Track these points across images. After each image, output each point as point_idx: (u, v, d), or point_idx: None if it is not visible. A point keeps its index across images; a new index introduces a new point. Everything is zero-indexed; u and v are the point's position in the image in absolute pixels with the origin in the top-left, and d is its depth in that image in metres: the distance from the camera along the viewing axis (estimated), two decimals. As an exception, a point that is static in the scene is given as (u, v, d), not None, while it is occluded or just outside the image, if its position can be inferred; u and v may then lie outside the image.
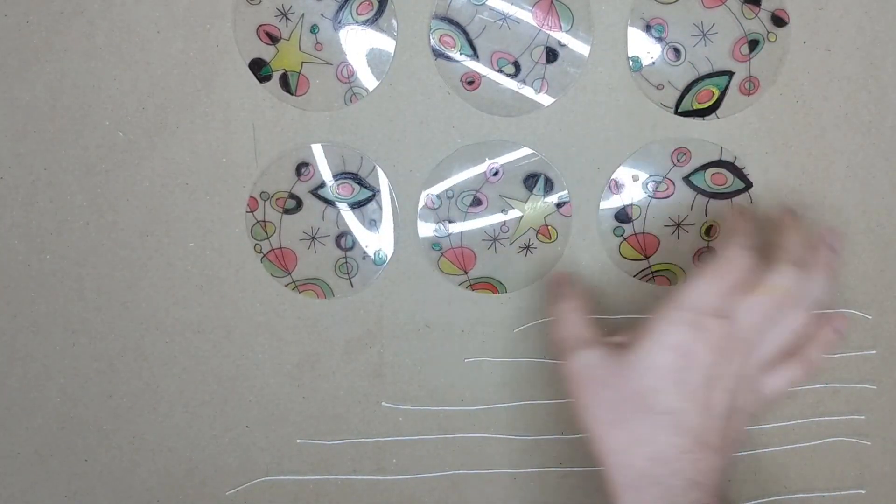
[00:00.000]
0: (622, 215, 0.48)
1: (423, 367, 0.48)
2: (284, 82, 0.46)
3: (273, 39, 0.46)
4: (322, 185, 0.47)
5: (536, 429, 0.49)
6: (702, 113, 0.47)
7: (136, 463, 0.49)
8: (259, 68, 0.46)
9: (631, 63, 0.46)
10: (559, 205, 0.47)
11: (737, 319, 0.39)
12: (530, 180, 0.47)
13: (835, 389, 0.49)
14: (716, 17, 0.46)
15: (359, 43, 0.46)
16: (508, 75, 0.46)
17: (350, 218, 0.47)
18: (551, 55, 0.46)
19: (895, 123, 0.47)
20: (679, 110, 0.47)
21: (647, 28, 0.46)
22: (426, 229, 0.47)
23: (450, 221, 0.47)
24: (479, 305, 0.48)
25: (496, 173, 0.47)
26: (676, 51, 0.46)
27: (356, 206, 0.47)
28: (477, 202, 0.47)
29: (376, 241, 0.47)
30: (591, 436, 0.39)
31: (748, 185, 0.47)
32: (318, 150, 0.47)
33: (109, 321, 0.48)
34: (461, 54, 0.46)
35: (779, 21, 0.46)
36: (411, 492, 0.49)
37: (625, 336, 0.41)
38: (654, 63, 0.46)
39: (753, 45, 0.46)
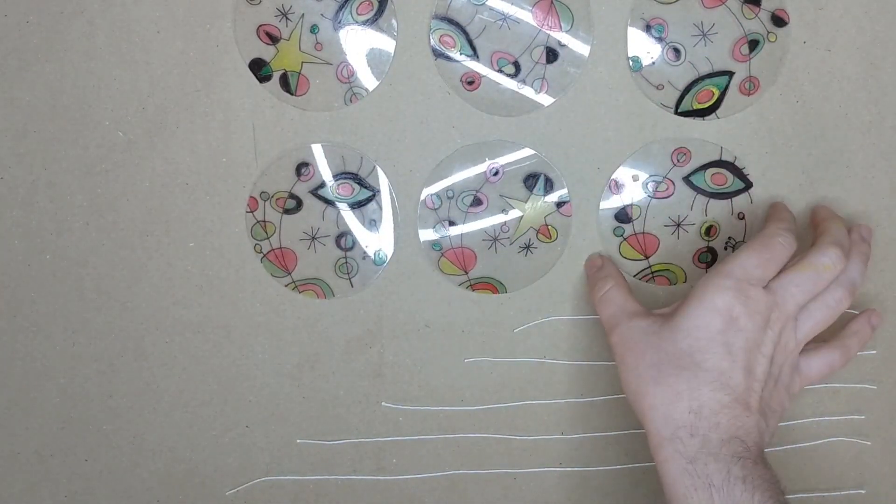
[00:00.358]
0: (622, 215, 0.48)
1: (423, 367, 0.48)
2: (284, 82, 0.46)
3: (273, 39, 0.46)
4: (322, 185, 0.47)
5: (536, 429, 0.49)
6: (702, 113, 0.47)
7: (136, 463, 0.49)
8: (259, 68, 0.46)
9: (631, 63, 0.46)
10: (559, 205, 0.47)
11: (778, 292, 0.41)
12: (530, 180, 0.47)
13: (835, 389, 0.49)
14: (716, 17, 0.46)
15: (359, 43, 0.46)
16: (508, 75, 0.46)
17: (350, 218, 0.47)
18: (551, 55, 0.46)
19: (895, 123, 0.47)
20: (679, 110, 0.47)
21: (647, 28, 0.46)
22: (426, 229, 0.47)
23: (450, 221, 0.47)
24: (479, 305, 0.48)
25: (496, 173, 0.47)
26: (676, 51, 0.46)
27: (356, 206, 0.47)
28: (477, 202, 0.47)
29: (376, 241, 0.47)
30: (634, 394, 0.41)
31: (748, 185, 0.47)
32: (318, 150, 0.47)
33: (109, 321, 0.48)
34: (461, 54, 0.46)
35: (779, 21, 0.46)
36: (411, 492, 0.49)
37: (669, 308, 0.43)
38: (654, 63, 0.46)
39: (753, 45, 0.46)
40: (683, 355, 0.40)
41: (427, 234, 0.47)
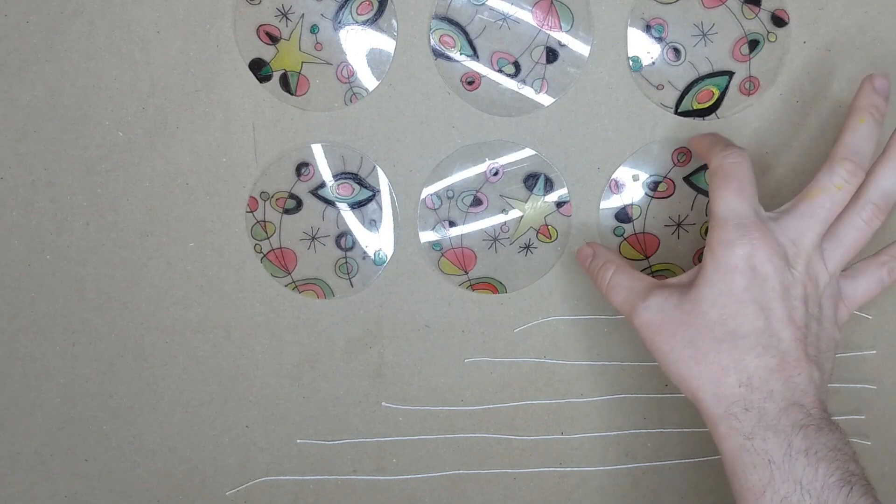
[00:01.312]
0: (622, 215, 0.48)
1: (423, 367, 0.48)
2: (284, 82, 0.46)
3: (273, 39, 0.46)
4: (322, 185, 0.47)
5: (536, 429, 0.49)
6: (702, 113, 0.47)
7: (136, 463, 0.49)
8: (259, 68, 0.46)
9: (631, 63, 0.46)
10: (559, 204, 0.47)
11: (789, 227, 0.38)
12: (530, 180, 0.47)
13: (835, 389, 0.49)
14: (716, 17, 0.46)
15: (359, 43, 0.46)
16: (508, 75, 0.46)
17: (350, 218, 0.47)
18: (551, 55, 0.46)
19: (895, 123, 0.47)
20: (679, 110, 0.47)
21: (647, 28, 0.46)
22: (426, 229, 0.47)
23: (450, 221, 0.47)
24: (479, 305, 0.48)
25: (496, 173, 0.47)
26: (676, 51, 0.46)
27: (356, 206, 0.47)
28: (477, 202, 0.47)
29: (376, 241, 0.47)
30: (677, 378, 0.38)
31: (748, 185, 0.47)
32: (318, 150, 0.47)
33: (109, 321, 0.48)
34: (461, 54, 0.46)
35: (779, 21, 0.46)
36: (411, 492, 0.49)
37: (684, 276, 0.41)
38: (654, 63, 0.46)
39: (753, 45, 0.46)
40: (716, 325, 0.37)
41: (427, 235, 0.47)
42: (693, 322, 0.38)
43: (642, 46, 0.46)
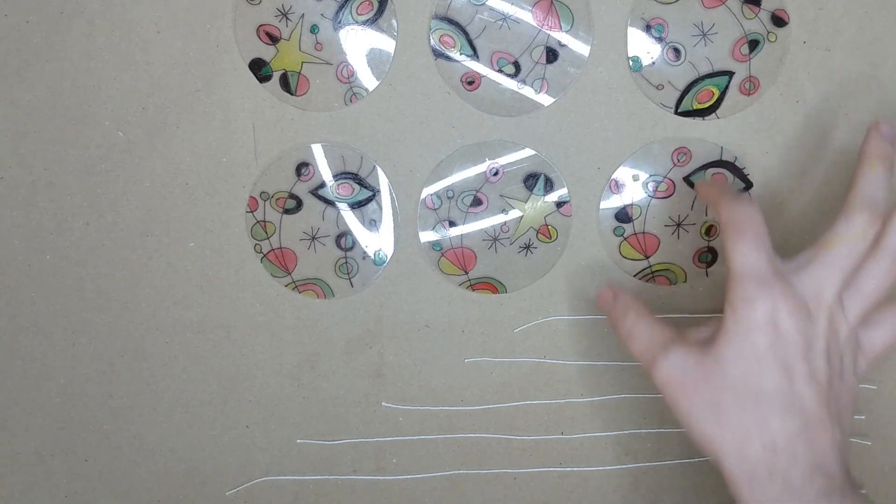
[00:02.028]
0: (622, 215, 0.48)
1: (423, 367, 0.48)
2: (284, 82, 0.46)
3: (273, 39, 0.46)
4: (322, 185, 0.47)
5: (536, 429, 0.49)
6: (702, 113, 0.47)
7: (136, 463, 0.49)
8: (259, 68, 0.46)
9: (631, 63, 0.46)
10: (559, 204, 0.47)
11: (809, 279, 0.37)
12: (530, 180, 0.47)
13: (835, 389, 0.49)
14: (716, 17, 0.46)
15: (359, 43, 0.46)
16: (508, 75, 0.46)
17: (350, 218, 0.47)
18: (551, 55, 0.46)
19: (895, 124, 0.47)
20: (679, 110, 0.47)
21: (647, 28, 0.46)
22: (426, 229, 0.47)
23: (450, 221, 0.47)
24: (479, 305, 0.48)
25: (496, 173, 0.47)
26: (676, 51, 0.46)
27: (356, 206, 0.47)
28: (477, 202, 0.47)
29: (376, 241, 0.47)
30: (699, 438, 0.37)
31: (748, 185, 0.47)
32: (318, 150, 0.47)
33: (109, 321, 0.48)
34: (461, 54, 0.46)
35: (779, 21, 0.46)
36: (411, 492, 0.49)
37: (704, 329, 0.40)
38: (654, 63, 0.46)
39: (753, 45, 0.46)
40: (738, 384, 0.36)
41: (427, 235, 0.47)
42: (715, 381, 0.37)
43: (642, 46, 0.46)
